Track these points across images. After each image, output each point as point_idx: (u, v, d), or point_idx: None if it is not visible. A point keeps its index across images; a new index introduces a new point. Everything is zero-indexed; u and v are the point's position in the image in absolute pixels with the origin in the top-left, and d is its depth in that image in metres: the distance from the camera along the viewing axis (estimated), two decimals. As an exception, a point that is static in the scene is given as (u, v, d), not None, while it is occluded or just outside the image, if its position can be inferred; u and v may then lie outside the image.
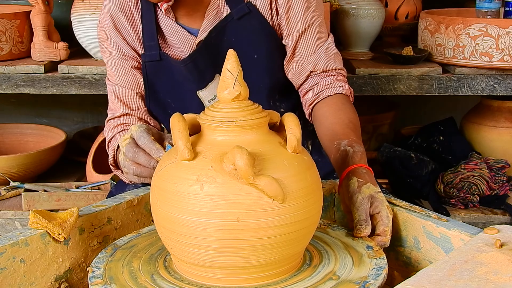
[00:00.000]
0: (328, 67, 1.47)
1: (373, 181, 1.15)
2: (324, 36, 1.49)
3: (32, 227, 1.05)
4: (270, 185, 0.87)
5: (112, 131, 1.50)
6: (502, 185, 2.15)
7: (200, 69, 1.46)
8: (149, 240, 1.09)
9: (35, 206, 2.06)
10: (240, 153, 0.85)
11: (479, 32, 1.96)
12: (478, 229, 1.04)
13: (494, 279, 0.84)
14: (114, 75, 1.50)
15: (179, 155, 0.91)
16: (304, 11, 1.44)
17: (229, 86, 0.94)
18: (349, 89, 1.48)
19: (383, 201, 1.10)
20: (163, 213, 0.92)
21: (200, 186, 0.88)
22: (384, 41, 2.47)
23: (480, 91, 2.03)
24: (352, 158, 1.20)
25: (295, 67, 1.48)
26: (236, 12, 1.42)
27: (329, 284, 0.93)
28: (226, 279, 0.93)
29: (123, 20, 1.47)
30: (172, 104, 1.52)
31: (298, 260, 0.98)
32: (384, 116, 2.60)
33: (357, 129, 1.35)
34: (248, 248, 0.89)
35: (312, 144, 1.63)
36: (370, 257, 1.01)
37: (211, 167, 0.89)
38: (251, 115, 0.94)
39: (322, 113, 1.43)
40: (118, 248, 1.06)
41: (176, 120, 0.94)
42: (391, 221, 1.09)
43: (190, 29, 1.46)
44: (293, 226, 0.91)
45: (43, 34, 2.14)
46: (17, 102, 2.89)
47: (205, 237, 0.89)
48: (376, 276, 0.94)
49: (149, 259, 1.01)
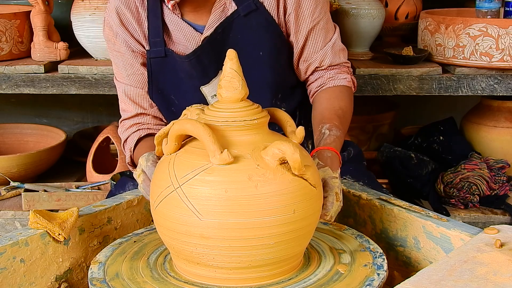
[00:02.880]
0: (334, 63, 1.52)
1: (334, 165, 1.16)
2: (331, 31, 1.52)
3: (32, 227, 1.05)
4: (315, 173, 0.94)
5: (127, 131, 1.52)
6: (502, 185, 2.15)
7: (204, 64, 1.46)
8: (125, 264, 1.04)
9: (35, 206, 2.06)
10: (292, 147, 0.87)
11: (479, 32, 1.96)
12: (478, 229, 1.04)
13: (494, 279, 0.84)
14: (123, 74, 1.51)
15: (218, 159, 0.89)
16: (313, 8, 1.46)
17: (237, 86, 0.94)
18: (352, 80, 1.53)
19: (334, 187, 1.09)
20: (208, 222, 0.88)
21: (255, 185, 0.88)
22: (384, 41, 2.47)
23: (480, 91, 2.03)
24: (325, 140, 1.25)
25: (302, 63, 1.52)
26: (243, 9, 1.43)
27: (346, 257, 1.01)
28: (273, 274, 0.95)
29: (129, 17, 1.47)
30: (175, 101, 1.52)
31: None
32: (384, 116, 2.60)
33: (345, 116, 1.40)
34: (299, 238, 0.94)
35: (312, 144, 1.63)
36: (338, 230, 1.12)
37: (258, 165, 0.90)
38: (260, 113, 0.96)
39: (318, 99, 1.48)
40: (105, 280, 0.99)
41: (199, 125, 0.90)
42: (337, 208, 1.08)
43: (195, 25, 1.46)
44: (320, 211, 1.00)
45: (43, 34, 2.14)
46: (17, 102, 2.89)
47: (261, 236, 0.89)
48: (368, 242, 1.08)
49: (155, 280, 0.98)
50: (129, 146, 1.50)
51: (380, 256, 1.01)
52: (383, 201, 1.19)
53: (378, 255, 1.02)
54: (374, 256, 1.02)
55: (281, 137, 0.98)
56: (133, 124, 1.51)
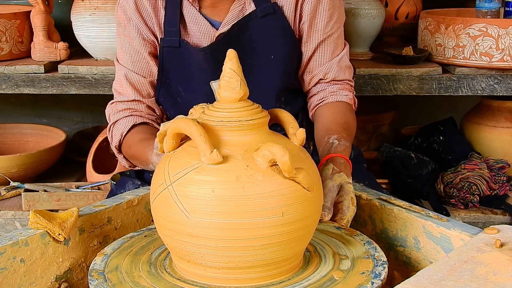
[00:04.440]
0: (338, 78, 1.52)
1: (348, 172, 1.19)
2: (340, 47, 1.53)
3: (32, 227, 1.05)
4: (307, 176, 0.91)
5: (119, 113, 1.50)
6: (502, 185, 2.15)
7: (218, 60, 1.46)
8: (127, 258, 1.04)
9: (35, 206, 2.06)
10: (282, 149, 0.86)
11: (479, 32, 1.96)
12: (478, 229, 1.04)
13: (494, 279, 0.84)
14: (128, 59, 1.50)
15: (208, 159, 0.89)
16: (327, 21, 1.47)
17: (236, 86, 0.94)
18: (353, 99, 1.54)
19: (349, 192, 1.14)
20: (195, 221, 0.89)
21: (242, 186, 0.88)
22: (384, 41, 2.47)
23: (480, 91, 2.03)
24: (336, 148, 1.26)
25: (307, 74, 1.53)
26: (261, 10, 1.43)
27: (346, 263, 0.98)
28: (263, 276, 0.93)
29: (145, 3, 1.46)
30: (182, 92, 1.52)
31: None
32: (384, 116, 2.60)
33: (350, 129, 1.41)
34: (289, 241, 0.91)
35: (313, 145, 1.63)
36: (349, 235, 1.08)
37: (247, 166, 0.89)
38: (259, 114, 0.95)
39: (321, 113, 1.48)
40: (103, 272, 0.99)
41: (192, 124, 0.91)
42: (352, 212, 1.13)
43: (212, 20, 1.46)
44: (316, 215, 0.96)
45: (43, 34, 2.14)
46: (17, 102, 2.89)
47: (248, 237, 0.88)
48: (374, 249, 1.03)
49: (151, 275, 0.98)
50: (121, 129, 1.48)
51: (381, 265, 0.98)
52: (383, 201, 1.19)
53: (380, 263, 0.98)
54: (376, 264, 0.98)
55: (279, 139, 0.97)
56: (126, 108, 1.50)
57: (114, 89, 1.54)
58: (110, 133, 1.52)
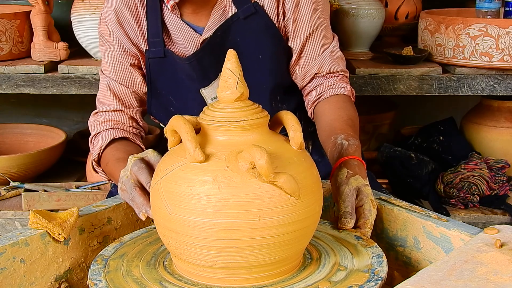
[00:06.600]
0: (332, 70, 1.50)
1: (363, 173, 1.17)
2: (329, 38, 1.51)
3: (32, 227, 1.05)
4: (288, 181, 0.89)
5: (101, 125, 1.47)
6: (502, 185, 2.15)
7: (204, 67, 1.46)
8: (137, 248, 1.07)
9: (35, 206, 2.06)
10: (260, 152, 0.86)
11: (479, 32, 1.96)
12: (478, 229, 1.04)
13: (494, 279, 0.84)
14: (110, 70, 1.49)
15: (190, 157, 0.90)
16: (311, 14, 1.45)
17: (232, 86, 0.94)
18: (351, 90, 1.51)
19: (368, 195, 1.12)
20: (175, 217, 0.90)
21: (218, 187, 0.88)
22: (384, 41, 2.47)
23: (480, 91, 2.03)
24: (347, 150, 1.23)
25: (300, 69, 1.50)
26: (243, 12, 1.42)
27: (340, 275, 0.94)
28: (241, 278, 0.93)
29: (127, 15, 1.45)
30: (174, 102, 1.52)
31: (302, 255, 1.00)
32: (384, 116, 2.60)
33: (355, 125, 1.38)
34: (268, 246, 0.90)
35: (312, 145, 1.63)
36: (364, 246, 1.03)
37: (227, 167, 0.89)
38: (255, 114, 0.94)
39: (322, 110, 1.45)
40: (108, 258, 1.03)
41: (181, 122, 0.92)
42: (374, 215, 1.11)
43: (195, 26, 1.46)
44: (305, 221, 0.93)
45: (43, 34, 2.14)
46: (17, 102, 2.89)
47: (224, 238, 0.88)
48: (379, 263, 0.98)
49: (147, 266, 1.00)
50: (100, 143, 1.44)
51: (375, 281, 0.94)
52: (383, 201, 1.19)
53: (375, 279, 0.94)
54: (369, 279, 0.94)
55: (273, 141, 0.95)
56: (109, 120, 1.47)
57: (98, 99, 1.52)
58: (92, 145, 1.49)
